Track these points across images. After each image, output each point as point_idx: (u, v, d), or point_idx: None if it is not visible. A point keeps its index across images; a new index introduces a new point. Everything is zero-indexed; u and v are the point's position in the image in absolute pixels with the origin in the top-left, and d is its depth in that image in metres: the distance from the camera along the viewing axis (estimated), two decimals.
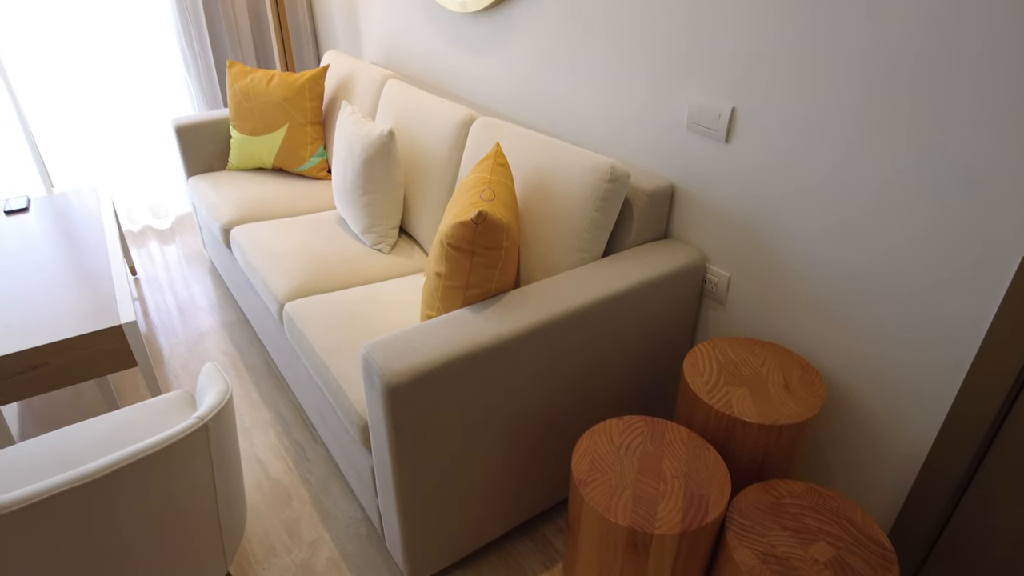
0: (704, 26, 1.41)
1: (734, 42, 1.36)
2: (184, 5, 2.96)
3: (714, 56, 1.42)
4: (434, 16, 2.32)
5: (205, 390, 1.21)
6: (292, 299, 1.80)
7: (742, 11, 1.33)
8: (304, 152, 2.51)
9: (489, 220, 1.29)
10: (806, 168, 1.32)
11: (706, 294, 1.65)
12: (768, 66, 1.32)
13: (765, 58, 1.32)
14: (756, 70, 1.34)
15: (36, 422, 2.07)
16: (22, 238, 2.23)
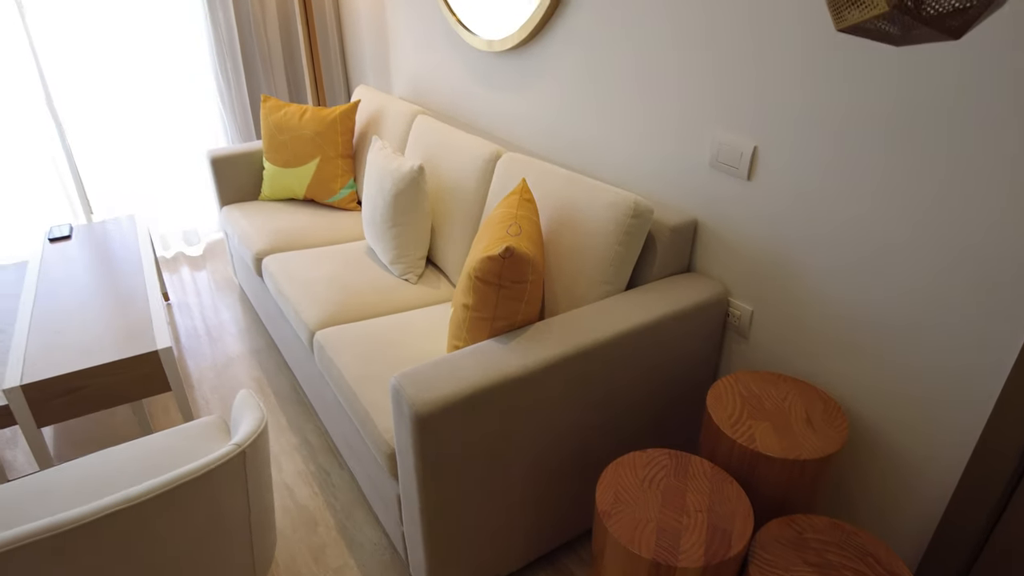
0: (727, 67, 1.46)
1: (757, 83, 1.40)
2: (221, 40, 3.08)
3: (736, 96, 1.45)
4: (462, 54, 2.40)
5: (241, 416, 1.25)
6: (322, 327, 1.85)
7: (764, 54, 1.37)
8: (335, 184, 2.59)
9: (516, 255, 1.33)
10: (828, 206, 1.34)
11: (729, 327, 1.66)
12: (790, 107, 1.35)
13: (787, 99, 1.35)
14: (778, 110, 1.38)
15: (71, 443, 2.13)
16: (65, 265, 2.31)
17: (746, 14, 1.38)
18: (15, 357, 1.81)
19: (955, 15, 0.74)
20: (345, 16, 3.33)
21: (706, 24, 1.47)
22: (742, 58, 1.41)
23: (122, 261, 2.34)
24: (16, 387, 1.70)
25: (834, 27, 0.85)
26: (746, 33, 1.39)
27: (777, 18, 1.32)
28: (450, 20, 2.34)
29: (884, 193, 1.24)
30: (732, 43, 1.43)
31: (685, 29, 1.52)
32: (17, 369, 1.77)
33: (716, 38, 1.46)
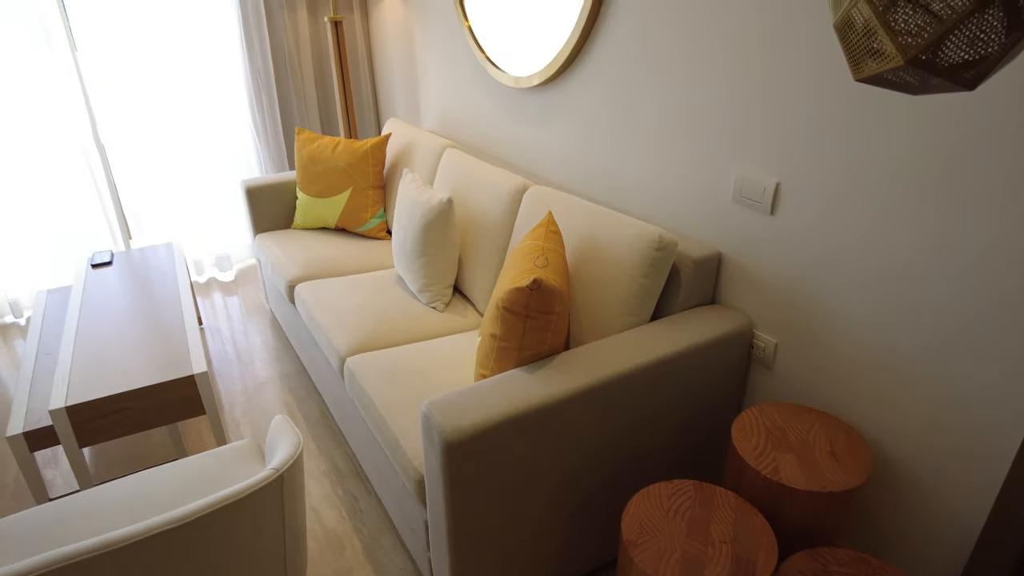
0: (750, 105, 1.50)
1: (780, 121, 1.44)
2: (257, 73, 3.21)
3: (759, 133, 1.49)
4: (490, 90, 2.48)
5: (277, 441, 1.30)
6: (353, 354, 1.90)
7: (787, 92, 1.41)
8: (365, 214, 2.66)
9: (543, 286, 1.38)
10: (852, 243, 1.37)
11: (753, 359, 1.68)
12: (813, 144, 1.39)
13: (810, 136, 1.39)
14: (801, 148, 1.41)
15: (105, 463, 2.19)
16: (106, 290, 2.41)
17: (768, 55, 1.42)
18: (60, 379, 1.89)
19: (970, 66, 0.78)
20: (376, 51, 3.44)
21: (728, 64, 1.52)
22: (765, 96, 1.46)
23: (160, 287, 2.42)
24: (61, 408, 1.77)
25: (853, 77, 0.88)
26: (768, 73, 1.43)
27: (799, 59, 1.36)
28: (479, 58, 2.42)
29: (911, 234, 1.26)
30: (755, 82, 1.47)
31: (707, 68, 1.57)
32: (62, 391, 1.84)
33: (738, 77, 1.50)
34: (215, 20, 3.11)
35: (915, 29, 0.76)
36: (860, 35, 0.80)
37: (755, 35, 1.44)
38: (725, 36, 1.51)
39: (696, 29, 1.57)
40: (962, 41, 0.76)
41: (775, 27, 1.39)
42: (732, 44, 1.50)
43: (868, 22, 0.78)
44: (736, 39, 1.48)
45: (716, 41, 1.53)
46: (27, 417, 1.85)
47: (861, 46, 0.80)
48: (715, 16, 1.52)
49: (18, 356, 2.88)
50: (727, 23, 1.49)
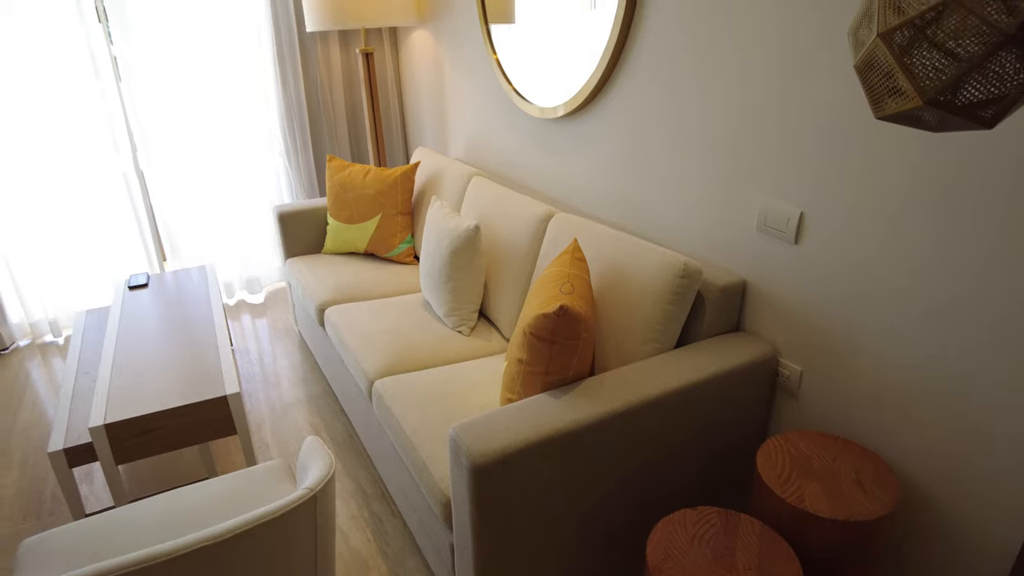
0: (773, 135, 1.53)
1: (803, 151, 1.47)
2: (290, 103, 3.32)
3: (783, 163, 1.52)
4: (516, 120, 2.54)
5: (309, 462, 1.33)
6: (381, 377, 1.94)
7: (810, 122, 1.44)
8: (394, 239, 2.72)
9: (570, 313, 1.41)
10: (878, 272, 1.38)
11: (778, 387, 1.69)
12: (837, 174, 1.41)
13: (834, 167, 1.41)
14: (825, 178, 1.44)
15: (137, 481, 2.25)
16: (142, 311, 2.48)
17: (791, 87, 1.45)
18: (99, 398, 1.95)
19: (988, 104, 0.80)
20: (405, 82, 3.54)
21: (752, 96, 1.55)
22: (788, 127, 1.49)
23: (194, 309, 2.49)
24: (100, 426, 1.83)
25: (873, 116, 0.91)
26: (792, 104, 1.46)
27: (822, 90, 1.39)
28: (506, 89, 2.48)
29: (936, 260, 1.28)
30: (777, 113, 1.50)
31: (731, 101, 1.61)
32: (101, 409, 1.90)
33: (762, 109, 1.53)
34: (251, 52, 3.23)
35: (934, 70, 0.78)
36: (880, 76, 0.83)
37: (777, 69, 1.47)
38: (748, 70, 1.54)
39: (719, 63, 1.62)
40: (980, 81, 0.79)
41: (798, 61, 1.42)
42: (755, 78, 1.53)
43: (887, 64, 0.81)
44: (759, 73, 1.52)
45: (739, 74, 1.57)
46: (67, 434, 1.91)
47: (881, 86, 0.83)
48: (738, 50, 1.56)
49: (56, 374, 2.97)
50: (751, 57, 1.53)
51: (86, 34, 2.92)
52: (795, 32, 1.42)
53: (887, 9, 0.81)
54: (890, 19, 0.80)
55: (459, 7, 2.78)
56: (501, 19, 2.45)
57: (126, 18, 2.97)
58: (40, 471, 2.31)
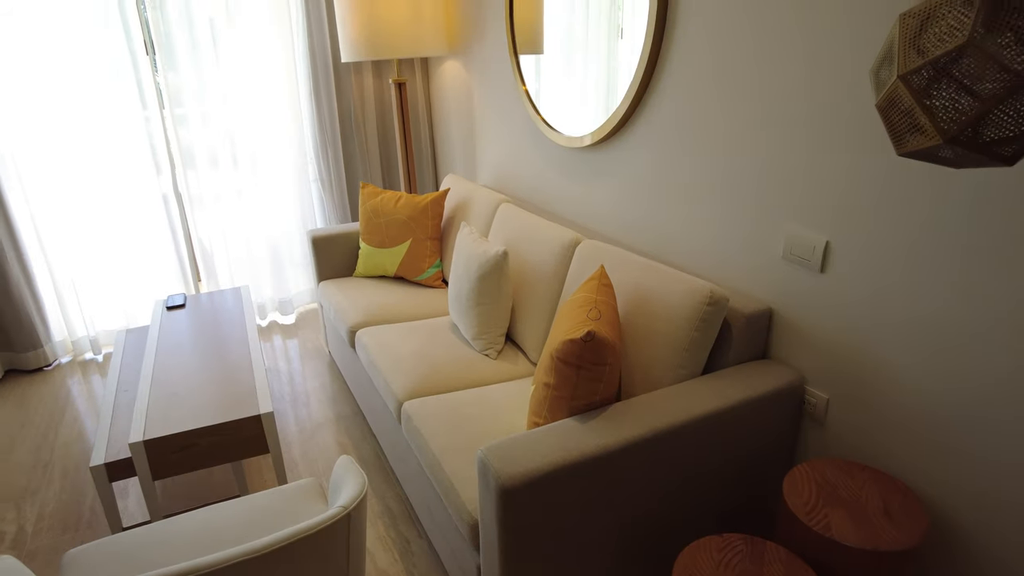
0: (799, 164, 1.55)
1: (827, 180, 1.49)
2: (324, 131, 3.42)
3: (807, 193, 1.54)
4: (544, 148, 2.60)
5: (342, 481, 1.37)
6: (410, 398, 1.98)
7: (835, 151, 1.46)
8: (423, 263, 2.79)
9: (597, 339, 1.44)
10: (905, 302, 1.39)
11: (805, 414, 1.69)
12: (862, 202, 1.43)
13: (858, 194, 1.43)
14: (850, 206, 1.46)
15: (169, 497, 2.30)
16: (180, 331, 2.57)
17: (817, 117, 1.48)
18: (138, 414, 2.02)
19: (1009, 142, 0.83)
20: (436, 110, 3.63)
21: (776, 124, 1.58)
22: (813, 156, 1.51)
23: (229, 330, 2.57)
24: (139, 442, 1.89)
25: (895, 152, 0.94)
26: (818, 134, 1.49)
27: (848, 120, 1.42)
28: (535, 119, 2.55)
29: (964, 289, 1.28)
30: (803, 143, 1.53)
31: (757, 130, 1.64)
32: (140, 425, 1.96)
33: (788, 139, 1.56)
34: (288, 81, 3.35)
35: (954, 111, 0.81)
36: (901, 115, 0.86)
37: (804, 100, 1.50)
38: (775, 100, 1.58)
39: (746, 92, 1.65)
40: (1000, 120, 0.81)
41: (825, 92, 1.45)
42: (781, 108, 1.56)
43: (908, 104, 0.84)
44: (786, 103, 1.55)
45: (765, 104, 1.60)
46: (107, 449, 1.98)
47: (902, 125, 0.86)
48: (766, 81, 1.59)
49: (95, 391, 3.06)
50: (778, 88, 1.57)
51: (134, 64, 3.06)
52: (822, 63, 1.45)
53: (907, 51, 0.84)
54: (910, 61, 0.83)
55: (489, 39, 2.86)
56: (530, 50, 2.52)
57: (172, 49, 3.11)
58: (79, 485, 2.39)
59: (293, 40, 3.31)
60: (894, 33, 0.86)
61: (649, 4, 1.86)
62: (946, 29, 0.81)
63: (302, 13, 3.24)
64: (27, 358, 3.23)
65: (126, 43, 3.02)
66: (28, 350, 3.22)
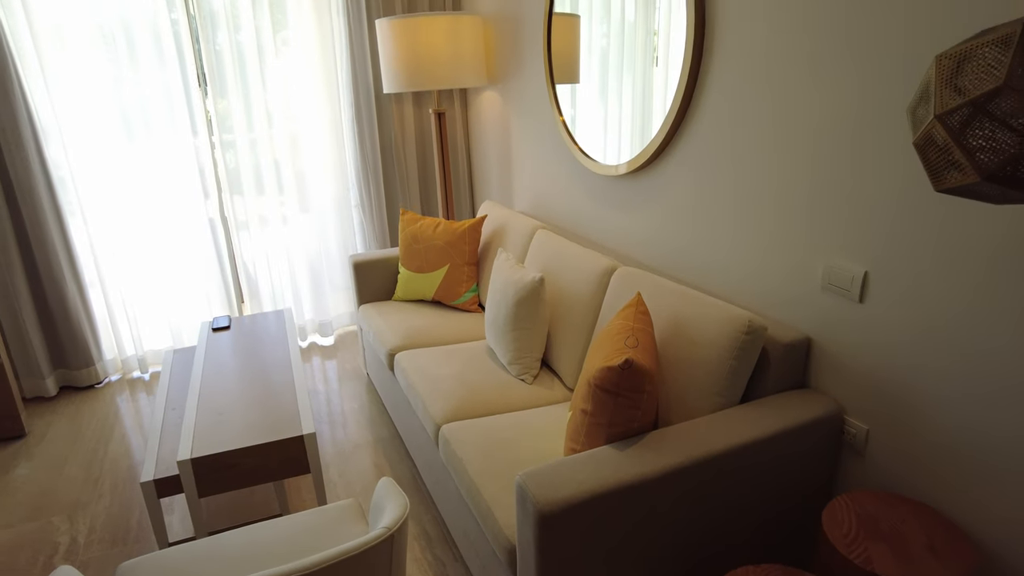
0: (837, 194, 1.56)
1: (867, 209, 1.50)
2: (367, 160, 3.53)
3: (846, 221, 1.55)
4: (580, 176, 2.64)
5: (384, 502, 1.40)
6: (448, 421, 2.02)
7: (875, 181, 1.47)
8: (460, 288, 2.84)
9: (635, 367, 1.46)
10: (950, 336, 1.38)
11: (844, 445, 1.67)
12: (901, 232, 1.43)
13: (898, 224, 1.43)
14: (889, 236, 1.46)
15: (212, 514, 2.36)
16: (225, 352, 2.65)
17: (859, 146, 1.49)
18: (185, 433, 2.09)
19: None
20: (473, 139, 3.72)
21: (814, 154, 1.60)
22: (853, 186, 1.52)
23: (272, 352, 2.65)
24: (187, 460, 1.96)
25: (933, 188, 0.95)
26: (855, 163, 1.50)
27: (887, 148, 1.43)
28: (571, 148, 2.59)
29: (1012, 327, 1.27)
30: (841, 173, 1.54)
31: (792, 158, 1.66)
32: (188, 444, 2.03)
33: (824, 168, 1.58)
34: (331, 110, 3.48)
35: (991, 149, 0.83)
36: (938, 153, 0.87)
37: (846, 128, 1.52)
38: (815, 129, 1.59)
39: (786, 121, 1.67)
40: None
41: (869, 121, 1.47)
42: (821, 138, 1.58)
43: (945, 142, 0.86)
44: (826, 133, 1.57)
45: (806, 133, 1.62)
46: (156, 466, 2.05)
47: (940, 162, 0.88)
48: (808, 109, 1.61)
49: (142, 408, 3.17)
50: (819, 117, 1.58)
51: (186, 92, 3.22)
52: (868, 94, 1.47)
53: (943, 90, 0.86)
54: (947, 100, 0.85)
55: (527, 69, 2.93)
56: (567, 79, 2.58)
57: (222, 78, 3.26)
58: (127, 499, 2.47)
59: (337, 71, 3.44)
60: (930, 73, 0.88)
61: (686, 35, 1.90)
62: (983, 69, 0.83)
63: (346, 46, 3.37)
64: (80, 375, 3.36)
65: (180, 73, 3.18)
66: (81, 367, 3.35)
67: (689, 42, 1.89)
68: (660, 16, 2.02)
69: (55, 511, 2.41)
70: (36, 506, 2.45)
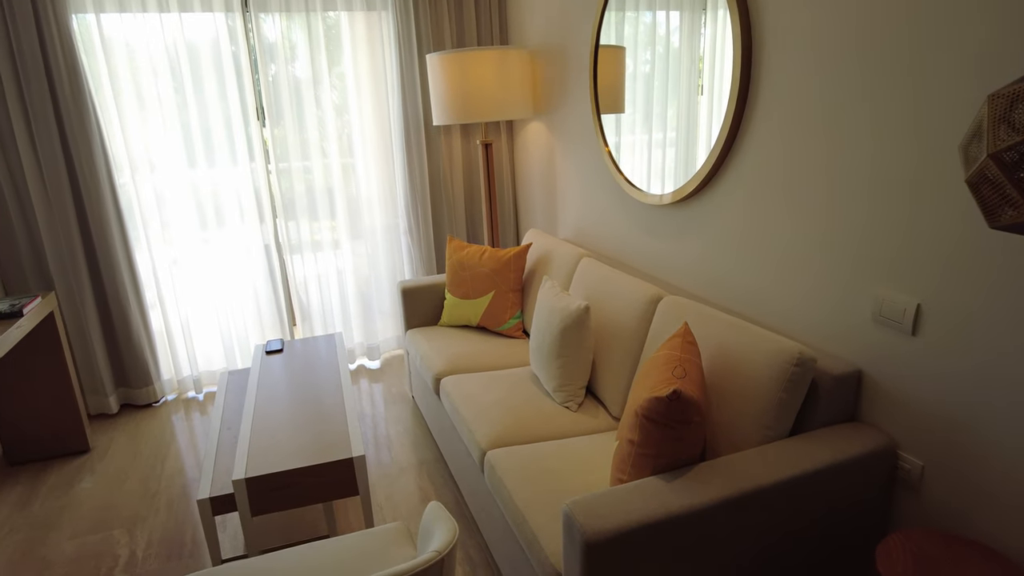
0: (889, 226, 1.55)
1: (919, 240, 1.48)
2: (415, 190, 3.63)
3: (897, 253, 1.53)
4: (625, 205, 2.67)
5: (433, 526, 1.43)
6: (493, 448, 2.04)
7: (929, 214, 1.46)
8: (505, 315, 2.88)
9: (683, 398, 1.46)
10: (1009, 372, 1.35)
11: (898, 481, 1.64)
12: (955, 264, 1.41)
13: (951, 256, 1.42)
14: (942, 268, 1.44)
15: (261, 533, 2.42)
16: (277, 375, 2.74)
17: (914, 177, 1.49)
18: (240, 453, 2.17)
19: None
20: (519, 168, 3.79)
21: (866, 186, 1.59)
22: (906, 218, 1.51)
23: (323, 375, 2.72)
24: (242, 479, 2.03)
25: (988, 226, 0.94)
26: (909, 195, 1.49)
27: (942, 182, 1.42)
28: (616, 177, 2.63)
29: None
30: (893, 205, 1.53)
31: (843, 189, 1.65)
32: (242, 464, 2.10)
33: (876, 200, 1.57)
34: (381, 141, 3.59)
35: None
36: (992, 191, 0.88)
37: (898, 159, 1.51)
38: (868, 159, 1.59)
39: (836, 151, 1.67)
40: None
41: (921, 151, 1.46)
42: (873, 168, 1.58)
43: (999, 180, 0.86)
44: (879, 163, 1.56)
45: (857, 164, 1.62)
46: (212, 484, 2.13)
47: (994, 200, 0.88)
48: (860, 140, 1.61)
49: (196, 428, 3.28)
50: (872, 146, 1.58)
51: (245, 122, 3.38)
52: (923, 126, 1.46)
53: (996, 129, 0.87)
54: (1000, 139, 0.86)
55: (573, 100, 2.99)
56: (612, 109, 2.62)
57: (280, 108, 3.41)
58: (182, 516, 2.55)
59: (389, 103, 3.56)
60: (983, 112, 0.89)
61: (732, 64, 1.93)
62: None
63: (397, 80, 3.49)
64: (140, 394, 3.50)
65: (240, 103, 3.34)
66: (141, 386, 3.49)
67: (736, 71, 1.91)
68: (705, 42, 2.04)
69: (116, 524, 2.51)
70: (99, 519, 2.55)
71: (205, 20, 3.22)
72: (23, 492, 2.78)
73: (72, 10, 3.01)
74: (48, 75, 3.00)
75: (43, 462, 3.03)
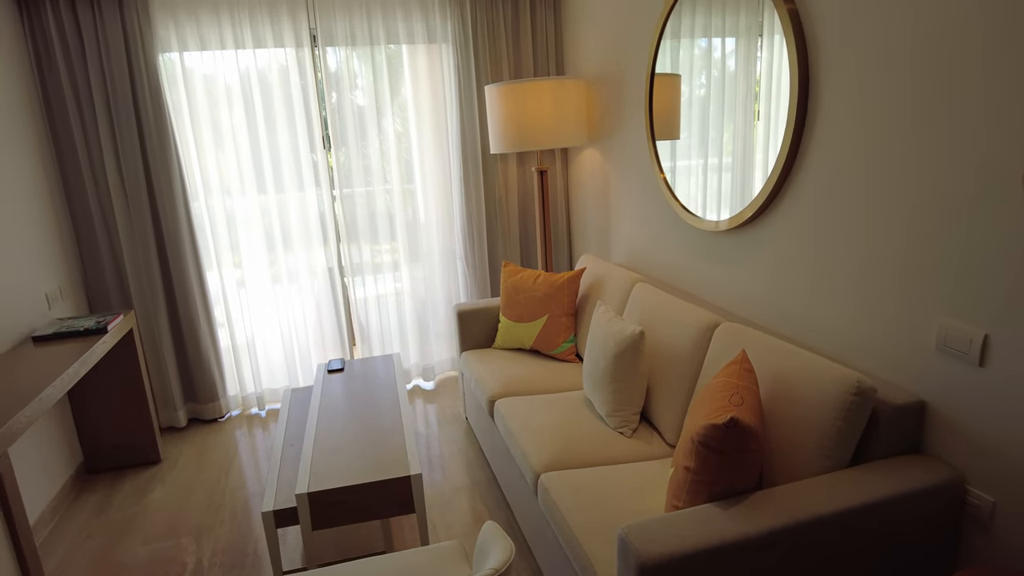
0: (954, 253, 1.53)
1: (986, 269, 1.45)
2: (471, 216, 3.72)
3: (963, 281, 1.51)
4: (680, 231, 2.68)
5: (489, 546, 1.47)
6: (547, 471, 2.07)
7: (998, 241, 1.43)
8: (558, 338, 2.91)
9: (740, 426, 1.46)
10: None
11: (966, 516, 1.59)
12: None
13: (1014, 288, 1.39)
14: (1013, 297, 1.41)
15: (319, 547, 2.49)
16: (338, 393, 2.83)
17: (974, 201, 1.47)
18: (303, 468, 2.25)
19: None
20: (573, 194, 3.84)
21: (931, 206, 1.57)
22: (973, 244, 1.48)
23: (382, 394, 2.80)
24: (304, 494, 2.11)
25: None
26: (976, 224, 1.47)
27: (1009, 210, 1.39)
28: (671, 203, 2.65)
29: None
30: (960, 234, 1.51)
31: (906, 216, 1.63)
32: (305, 478, 2.19)
33: (941, 228, 1.55)
34: (440, 168, 3.71)
35: None
36: None
37: (960, 182, 1.49)
38: (930, 180, 1.58)
39: (896, 174, 1.66)
40: None
41: (988, 173, 1.44)
42: (935, 190, 1.56)
43: None
44: (940, 185, 1.55)
45: (918, 186, 1.60)
46: (276, 497, 2.21)
47: None
48: (920, 159, 1.60)
49: (258, 443, 3.41)
50: (932, 170, 1.57)
51: (311, 149, 3.54)
52: (994, 152, 1.45)
53: None
54: None
55: (628, 127, 3.03)
56: (667, 136, 2.65)
57: (344, 137, 3.56)
58: (244, 527, 2.65)
59: (448, 132, 3.68)
60: None
61: (789, 90, 1.94)
62: None
63: (456, 109, 3.61)
64: (207, 409, 3.67)
65: (307, 130, 3.51)
66: (208, 402, 3.66)
67: (793, 97, 1.92)
68: (761, 66, 2.06)
69: (184, 533, 2.63)
70: (169, 527, 2.68)
71: (276, 54, 3.42)
72: (100, 499, 2.94)
73: (160, 50, 3.25)
74: (136, 109, 3.23)
75: (118, 471, 3.20)
